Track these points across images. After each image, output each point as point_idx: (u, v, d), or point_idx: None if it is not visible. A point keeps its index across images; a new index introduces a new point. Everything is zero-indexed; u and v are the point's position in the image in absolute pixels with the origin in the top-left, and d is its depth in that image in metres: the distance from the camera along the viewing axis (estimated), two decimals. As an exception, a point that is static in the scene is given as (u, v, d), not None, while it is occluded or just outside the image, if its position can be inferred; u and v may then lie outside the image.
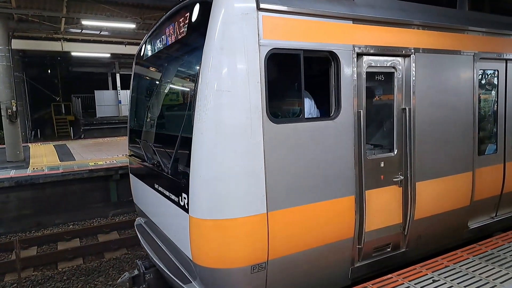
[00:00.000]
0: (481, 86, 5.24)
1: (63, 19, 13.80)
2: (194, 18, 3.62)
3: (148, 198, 4.89)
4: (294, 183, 3.53)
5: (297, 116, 3.69)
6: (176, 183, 3.67)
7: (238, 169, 3.29)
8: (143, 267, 4.62)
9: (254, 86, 3.26)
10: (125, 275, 4.75)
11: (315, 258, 3.78)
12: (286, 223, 3.51)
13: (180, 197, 3.63)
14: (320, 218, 3.73)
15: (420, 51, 4.29)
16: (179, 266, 4.07)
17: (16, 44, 16.18)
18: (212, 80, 3.19)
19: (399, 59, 4.23)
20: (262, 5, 3.27)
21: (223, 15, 3.20)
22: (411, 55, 4.22)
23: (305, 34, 3.53)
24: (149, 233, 5.19)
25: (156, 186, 4.40)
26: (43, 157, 13.39)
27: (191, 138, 3.36)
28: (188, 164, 3.41)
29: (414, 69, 4.25)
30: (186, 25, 3.78)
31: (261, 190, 3.34)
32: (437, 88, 4.53)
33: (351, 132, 3.84)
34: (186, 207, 3.48)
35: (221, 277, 3.43)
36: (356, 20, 3.83)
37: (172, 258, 4.26)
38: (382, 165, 4.20)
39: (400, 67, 4.24)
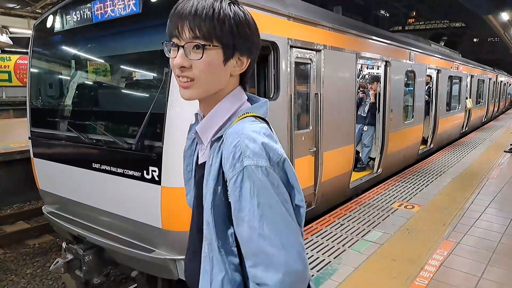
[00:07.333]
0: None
1: None
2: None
3: (79, 181, 4.66)
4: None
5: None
6: (142, 158, 3.78)
7: (210, 141, 3.69)
8: (81, 250, 4.45)
9: (223, 67, 3.69)
10: (57, 261, 4.48)
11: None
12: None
13: (145, 171, 3.78)
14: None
15: (327, 47, 5.39)
16: (131, 241, 4.18)
17: None
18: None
19: (314, 52, 5.23)
20: (230, -4, 3.70)
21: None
22: (322, 50, 5.28)
23: (258, 25, 4.12)
24: (72, 218, 4.94)
25: (99, 166, 4.30)
26: None
27: (162, 114, 3.57)
28: (160, 139, 3.61)
29: (323, 61, 5.32)
30: (141, 3, 3.87)
31: (228, 159, 3.82)
32: (336, 78, 5.75)
33: (286, 111, 4.65)
34: (157, 179, 3.68)
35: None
36: (289, 17, 4.61)
37: (118, 236, 4.30)
38: (303, 138, 5.17)
39: (315, 60, 5.25)
